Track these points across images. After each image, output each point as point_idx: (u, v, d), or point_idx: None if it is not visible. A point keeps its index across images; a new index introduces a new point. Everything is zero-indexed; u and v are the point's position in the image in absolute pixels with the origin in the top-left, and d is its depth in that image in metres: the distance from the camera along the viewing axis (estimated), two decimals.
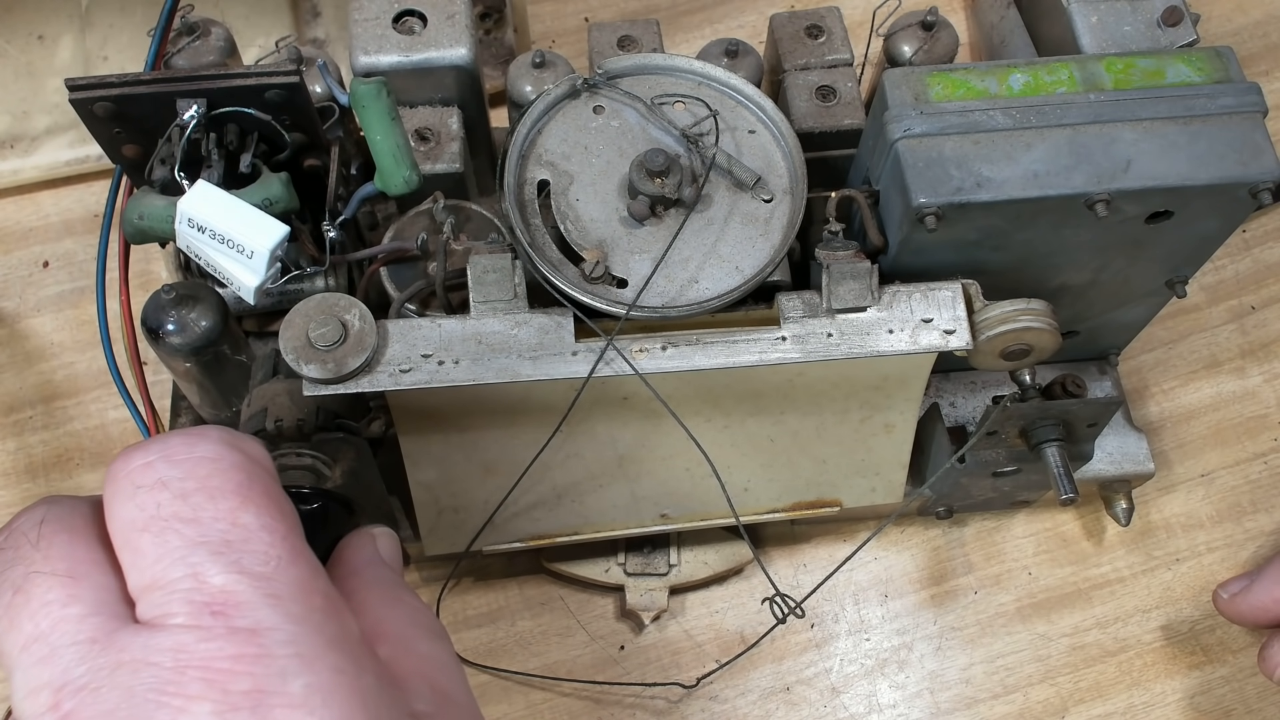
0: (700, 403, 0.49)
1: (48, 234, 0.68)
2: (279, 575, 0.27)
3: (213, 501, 0.28)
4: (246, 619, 0.26)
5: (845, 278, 0.46)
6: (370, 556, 0.35)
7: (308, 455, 0.44)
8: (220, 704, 0.25)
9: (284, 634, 0.26)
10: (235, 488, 0.28)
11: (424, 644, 0.32)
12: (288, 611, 0.27)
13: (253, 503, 0.28)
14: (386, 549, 0.35)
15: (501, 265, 0.45)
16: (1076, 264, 0.51)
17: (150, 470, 0.28)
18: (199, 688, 0.25)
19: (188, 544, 0.27)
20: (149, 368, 0.51)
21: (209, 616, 0.26)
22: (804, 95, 0.56)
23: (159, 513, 0.27)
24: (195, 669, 0.25)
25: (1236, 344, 0.67)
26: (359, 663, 0.27)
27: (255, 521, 0.28)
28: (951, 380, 0.60)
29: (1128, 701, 0.58)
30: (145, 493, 0.28)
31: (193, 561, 0.27)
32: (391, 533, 0.36)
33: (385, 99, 0.45)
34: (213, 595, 0.26)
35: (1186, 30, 0.52)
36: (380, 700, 0.27)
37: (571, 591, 0.60)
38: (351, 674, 0.27)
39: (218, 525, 0.27)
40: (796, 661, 0.59)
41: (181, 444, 0.29)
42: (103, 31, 0.69)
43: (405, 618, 0.32)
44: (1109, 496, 0.61)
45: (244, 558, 0.27)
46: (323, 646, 0.27)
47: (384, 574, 0.34)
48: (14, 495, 0.61)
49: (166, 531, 0.27)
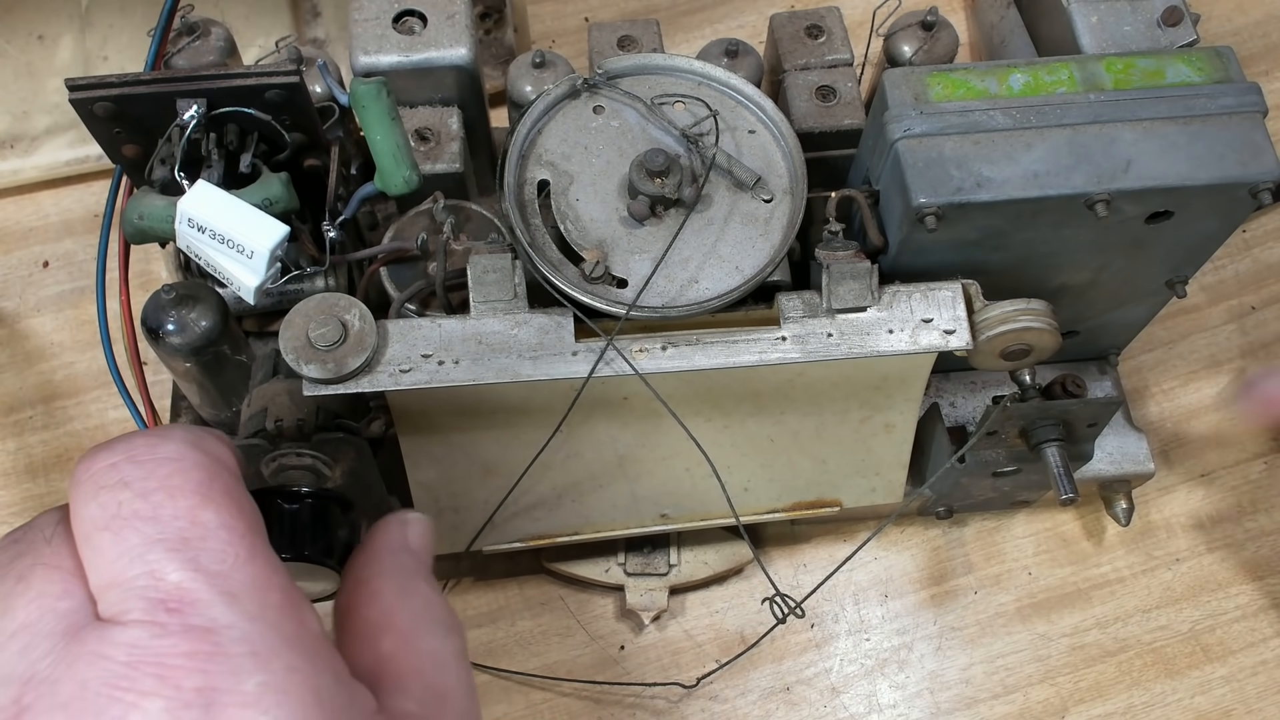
0: (700, 403, 0.49)
1: (48, 234, 0.68)
2: (235, 573, 0.27)
3: (172, 500, 0.28)
4: (201, 616, 0.26)
5: (845, 278, 0.46)
6: (395, 543, 0.34)
7: (308, 455, 0.44)
8: (172, 701, 0.25)
9: (238, 631, 0.26)
10: (195, 487, 0.28)
11: (430, 640, 0.31)
12: (243, 609, 0.27)
13: (213, 502, 0.28)
14: (416, 536, 0.35)
15: (501, 265, 0.45)
16: (1076, 264, 0.51)
17: (114, 471, 0.28)
18: (151, 684, 0.25)
19: (146, 541, 0.27)
20: (149, 368, 0.51)
21: (164, 613, 0.26)
22: (804, 95, 0.56)
23: (120, 511, 0.27)
24: (148, 665, 0.26)
25: (1236, 344, 0.67)
26: (315, 661, 0.27)
27: (215, 520, 0.28)
28: (951, 380, 0.60)
29: (1128, 701, 0.58)
30: (107, 492, 0.28)
31: (150, 559, 0.27)
32: (424, 519, 0.36)
33: (385, 99, 0.45)
34: (168, 592, 0.26)
35: (1186, 30, 0.52)
36: (337, 699, 0.27)
37: (571, 591, 0.60)
38: (307, 672, 0.27)
39: (177, 523, 0.27)
40: (796, 661, 0.59)
41: (144, 444, 0.29)
42: (103, 31, 0.69)
43: (415, 610, 0.32)
44: (1109, 496, 0.61)
45: (201, 555, 0.27)
46: (278, 644, 0.27)
47: (404, 562, 0.34)
48: (14, 495, 0.61)
49: (125, 529, 0.27)
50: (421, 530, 0.35)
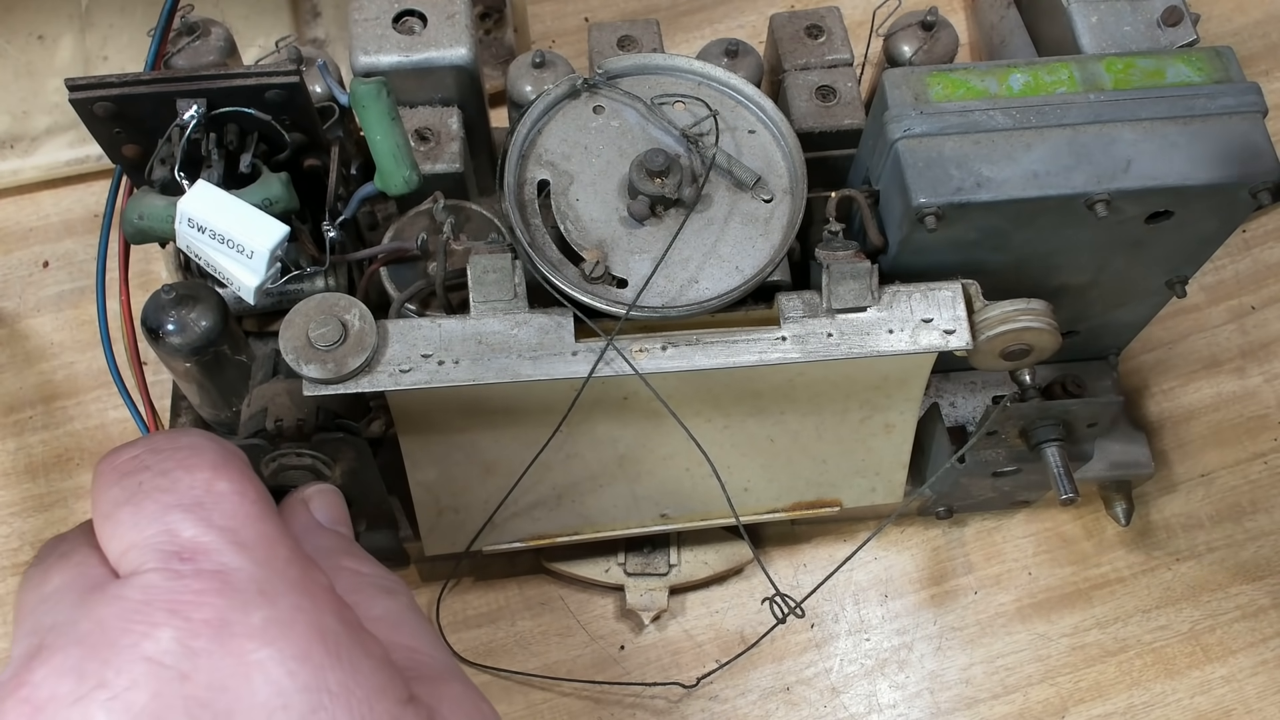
0: (700, 403, 0.49)
1: (48, 234, 0.68)
2: (246, 528, 0.29)
3: (190, 474, 0.30)
4: (212, 562, 0.28)
5: (845, 278, 0.46)
6: (303, 526, 0.35)
7: (308, 455, 0.44)
8: (182, 630, 0.27)
9: (247, 574, 0.28)
10: (210, 463, 0.30)
11: (375, 607, 0.32)
12: (253, 556, 0.28)
13: (226, 474, 0.30)
14: (323, 509, 0.36)
15: (501, 265, 0.45)
16: (1076, 264, 0.51)
17: (135, 460, 0.30)
18: (163, 616, 0.27)
19: (162, 508, 0.29)
20: (149, 368, 0.51)
21: (178, 561, 0.28)
22: (804, 95, 0.56)
23: (140, 489, 0.29)
24: (161, 601, 0.27)
25: (1236, 344, 0.67)
26: (319, 604, 0.29)
27: (228, 488, 0.30)
28: (951, 380, 0.60)
29: (1128, 701, 0.58)
30: (129, 477, 0.30)
31: (167, 520, 0.28)
32: (328, 488, 0.36)
33: (385, 99, 0.45)
34: (182, 545, 0.28)
35: (1186, 30, 0.52)
36: (341, 638, 0.28)
37: (571, 591, 0.60)
38: (311, 611, 0.28)
39: (193, 491, 0.29)
40: (796, 661, 0.59)
41: (165, 438, 0.31)
42: (103, 31, 0.69)
43: (349, 586, 0.32)
44: (1109, 496, 0.61)
45: (214, 515, 0.29)
46: (284, 587, 0.28)
47: (321, 543, 0.34)
48: (14, 495, 0.61)
49: (145, 500, 0.29)
50: (327, 502, 0.36)
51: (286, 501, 0.36)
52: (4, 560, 0.60)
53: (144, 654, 0.26)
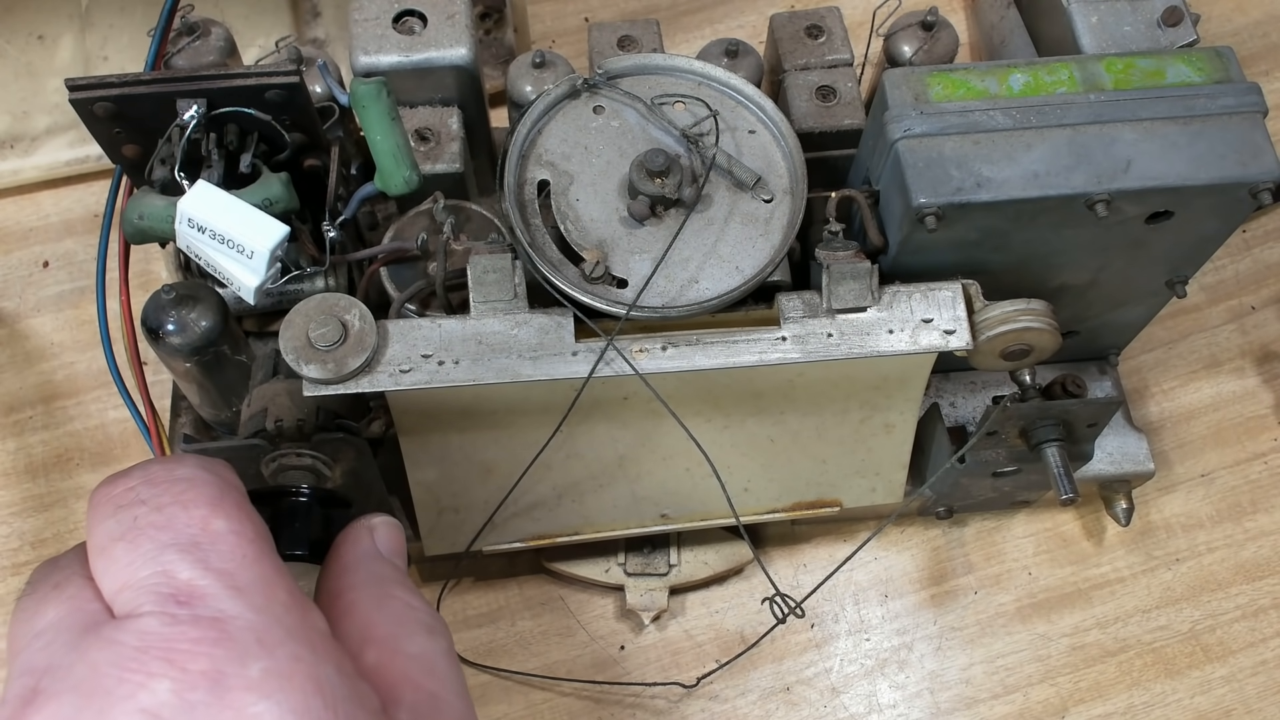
0: (700, 403, 0.49)
1: (48, 234, 0.68)
2: (243, 571, 0.29)
3: (186, 511, 0.29)
4: (209, 608, 0.27)
5: (845, 278, 0.46)
6: (365, 551, 0.35)
7: (308, 455, 0.44)
8: (179, 682, 0.26)
9: (245, 621, 0.28)
10: (207, 500, 0.30)
11: (413, 643, 0.32)
12: (250, 602, 0.28)
13: (224, 512, 0.30)
14: (385, 541, 0.35)
15: (501, 265, 0.45)
16: (1076, 264, 0.51)
17: (131, 492, 0.30)
18: (160, 666, 0.26)
19: (159, 546, 0.28)
20: (149, 368, 0.50)
21: (174, 605, 0.27)
22: (804, 95, 0.56)
23: (135, 524, 0.29)
24: (157, 649, 0.27)
25: (1236, 344, 0.67)
26: (318, 653, 0.28)
27: (225, 527, 0.29)
28: (951, 380, 0.60)
29: (1128, 701, 0.58)
30: (124, 510, 0.29)
31: (163, 560, 0.28)
32: (392, 521, 0.36)
33: (385, 99, 0.45)
34: (179, 588, 0.28)
35: (1186, 30, 0.52)
36: (339, 690, 0.28)
37: (571, 591, 0.60)
38: (310, 661, 0.28)
39: (189, 530, 0.29)
40: (796, 661, 0.59)
41: (161, 469, 0.30)
42: (103, 31, 0.69)
43: (395, 617, 0.32)
44: (1109, 496, 0.61)
45: (211, 556, 0.28)
46: (283, 635, 0.28)
47: (378, 570, 0.34)
48: (14, 495, 0.61)
49: (140, 538, 0.29)
50: (389, 534, 0.36)
51: (353, 526, 0.35)
52: (4, 560, 0.60)
53: (140, 705, 0.26)
